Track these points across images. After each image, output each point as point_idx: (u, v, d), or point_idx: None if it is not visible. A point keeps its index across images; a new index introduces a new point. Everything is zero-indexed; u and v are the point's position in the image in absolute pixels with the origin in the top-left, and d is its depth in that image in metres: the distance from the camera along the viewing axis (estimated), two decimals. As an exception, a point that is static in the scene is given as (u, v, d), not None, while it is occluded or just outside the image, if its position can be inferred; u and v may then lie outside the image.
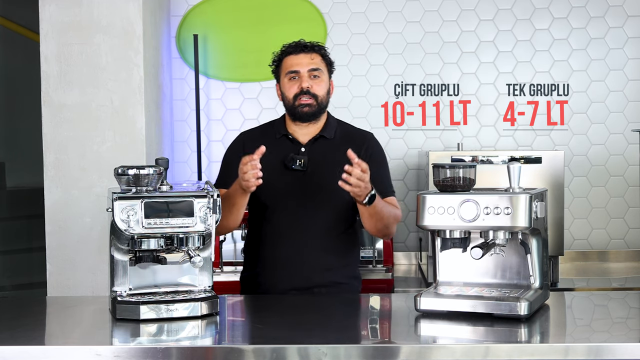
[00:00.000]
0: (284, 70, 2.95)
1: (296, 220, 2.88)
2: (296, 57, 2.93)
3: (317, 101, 2.90)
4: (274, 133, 2.99)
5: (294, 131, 2.96)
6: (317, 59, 2.94)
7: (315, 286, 2.86)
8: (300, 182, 2.87)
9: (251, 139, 3.01)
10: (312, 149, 2.93)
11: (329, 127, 2.98)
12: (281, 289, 2.85)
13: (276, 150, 2.88)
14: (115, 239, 2.44)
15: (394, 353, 2.08)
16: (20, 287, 5.30)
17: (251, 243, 3.01)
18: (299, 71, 2.91)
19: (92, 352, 2.09)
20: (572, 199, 4.25)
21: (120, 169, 2.41)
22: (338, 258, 2.92)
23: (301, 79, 2.90)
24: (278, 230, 2.89)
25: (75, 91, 3.71)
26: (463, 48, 4.29)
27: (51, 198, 3.71)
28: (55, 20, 3.70)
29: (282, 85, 2.97)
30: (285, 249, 2.87)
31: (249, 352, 2.09)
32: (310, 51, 2.94)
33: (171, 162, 4.16)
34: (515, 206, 2.31)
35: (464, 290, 2.45)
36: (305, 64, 2.91)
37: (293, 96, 2.91)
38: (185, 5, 4.34)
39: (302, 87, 2.89)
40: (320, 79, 2.92)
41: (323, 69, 2.94)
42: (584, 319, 2.50)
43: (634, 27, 4.25)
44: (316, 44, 2.97)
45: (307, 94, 2.89)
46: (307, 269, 2.86)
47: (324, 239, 2.89)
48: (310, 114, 2.91)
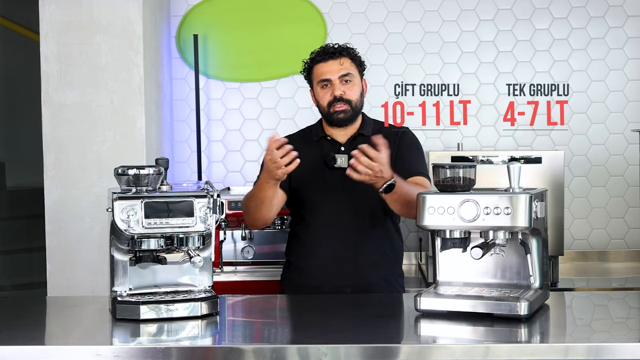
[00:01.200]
0: (315, 78, 2.98)
1: (341, 216, 2.90)
2: (325, 65, 2.95)
3: (351, 106, 2.93)
4: (311, 137, 3.03)
5: (332, 133, 3.01)
6: (346, 63, 2.95)
7: (369, 284, 2.88)
8: (342, 180, 2.84)
9: (291, 141, 2.97)
10: (351, 147, 2.90)
11: (366, 125, 3.02)
12: (330, 288, 2.85)
13: (316, 151, 2.93)
14: (115, 239, 2.44)
15: (394, 353, 2.08)
16: (20, 287, 5.30)
17: (296, 244, 3.02)
18: (330, 79, 2.93)
19: (92, 352, 2.09)
20: (572, 199, 4.25)
21: (120, 169, 2.41)
22: (385, 255, 2.96)
23: (333, 86, 2.93)
24: (324, 230, 2.91)
25: (75, 91, 3.71)
26: (463, 48, 4.28)
27: (51, 198, 3.71)
28: (55, 20, 3.70)
29: (315, 92, 3.00)
30: (332, 246, 2.89)
31: (249, 352, 2.09)
32: (339, 56, 2.95)
33: (171, 162, 4.16)
34: (515, 206, 2.31)
35: (464, 290, 2.45)
36: (335, 71, 2.93)
37: (327, 104, 2.94)
38: (185, 5, 4.34)
39: (334, 94, 2.91)
40: (352, 83, 2.94)
41: (354, 71, 2.96)
42: (584, 319, 2.50)
43: (634, 27, 4.25)
44: (344, 47, 2.98)
45: (341, 101, 2.91)
46: (357, 267, 2.88)
47: (366, 235, 2.91)
48: (347, 119, 2.95)
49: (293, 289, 2.98)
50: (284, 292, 3.03)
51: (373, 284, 2.91)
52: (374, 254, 2.94)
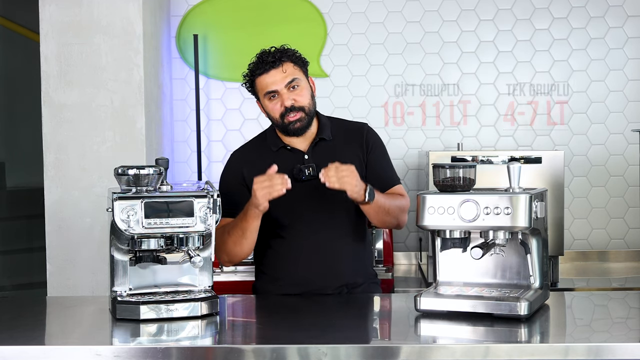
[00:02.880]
0: (260, 91, 2.82)
1: (317, 227, 2.80)
2: (268, 76, 2.77)
3: (305, 112, 2.79)
4: (268, 146, 2.88)
5: (290, 141, 2.85)
6: (289, 69, 2.78)
7: (345, 285, 2.81)
8: (313, 191, 2.77)
9: (246, 157, 2.91)
10: (314, 154, 2.84)
11: (324, 128, 2.89)
12: (309, 293, 2.77)
13: (279, 164, 2.72)
14: (115, 239, 2.44)
15: (394, 353, 2.08)
16: (20, 287, 5.30)
17: (271, 255, 2.88)
18: (277, 89, 2.77)
19: (92, 352, 2.09)
20: (572, 199, 4.25)
21: (120, 169, 2.41)
22: (360, 258, 2.89)
23: (281, 97, 2.77)
24: (298, 241, 2.79)
25: (75, 91, 3.71)
26: (463, 48, 4.29)
27: (51, 198, 3.71)
28: (55, 20, 3.70)
29: (264, 105, 2.84)
30: (310, 257, 2.78)
31: (249, 352, 2.09)
32: (279, 64, 2.77)
33: (171, 162, 4.16)
34: (515, 206, 2.31)
35: (464, 290, 2.45)
36: (280, 80, 2.76)
37: (279, 116, 2.79)
38: (185, 5, 4.34)
39: (285, 105, 2.77)
40: (300, 88, 2.79)
41: (299, 75, 2.79)
42: (584, 319, 2.50)
43: (634, 27, 4.25)
44: (282, 51, 2.82)
45: (293, 110, 2.77)
46: (334, 273, 2.78)
47: (345, 242, 2.83)
48: (303, 127, 2.81)
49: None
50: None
51: (354, 285, 2.84)
52: (354, 260, 2.86)
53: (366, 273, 2.91)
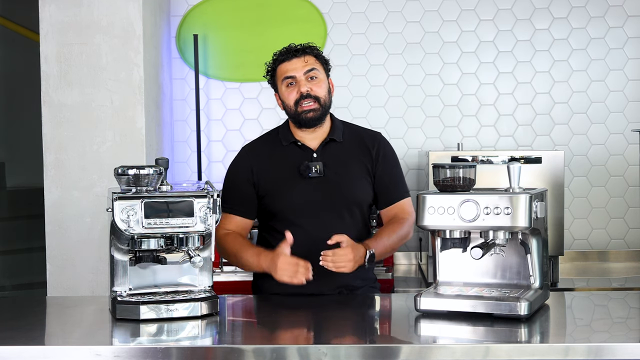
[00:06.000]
0: (279, 78, 2.87)
1: (318, 226, 2.79)
2: (289, 63, 2.84)
3: (319, 103, 2.82)
4: (279, 141, 2.92)
5: (302, 137, 2.89)
6: (311, 60, 2.85)
7: (343, 287, 2.81)
8: (317, 189, 2.81)
9: (256, 151, 2.94)
10: (323, 153, 2.86)
11: (337, 129, 2.91)
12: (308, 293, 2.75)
13: (287, 159, 2.81)
14: (115, 239, 2.44)
15: (394, 353, 2.08)
16: (20, 287, 5.30)
17: None
18: (295, 76, 2.83)
19: (92, 352, 2.09)
20: (572, 199, 4.24)
21: (120, 169, 2.41)
22: None
23: (299, 83, 2.82)
24: (299, 239, 2.75)
25: (75, 91, 3.71)
26: (463, 48, 4.28)
27: (51, 198, 3.71)
28: (55, 20, 3.70)
29: (280, 93, 2.89)
30: (309, 255, 2.74)
31: (249, 352, 2.09)
32: (302, 54, 2.85)
33: (171, 162, 4.16)
34: (515, 206, 2.31)
35: (464, 290, 2.45)
36: (300, 68, 2.82)
37: (294, 102, 2.82)
38: (185, 5, 4.34)
39: (301, 91, 2.81)
40: (318, 79, 2.84)
41: (319, 68, 2.86)
42: (584, 319, 2.50)
43: (634, 27, 4.25)
44: (307, 46, 2.88)
45: (308, 98, 2.81)
46: (333, 273, 2.72)
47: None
48: (316, 118, 2.83)
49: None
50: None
51: (352, 288, 2.83)
52: None
53: (365, 276, 2.90)
